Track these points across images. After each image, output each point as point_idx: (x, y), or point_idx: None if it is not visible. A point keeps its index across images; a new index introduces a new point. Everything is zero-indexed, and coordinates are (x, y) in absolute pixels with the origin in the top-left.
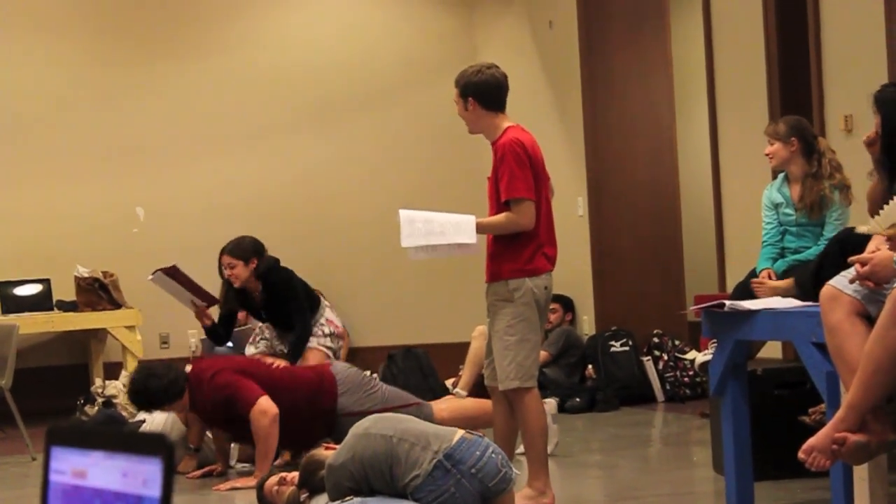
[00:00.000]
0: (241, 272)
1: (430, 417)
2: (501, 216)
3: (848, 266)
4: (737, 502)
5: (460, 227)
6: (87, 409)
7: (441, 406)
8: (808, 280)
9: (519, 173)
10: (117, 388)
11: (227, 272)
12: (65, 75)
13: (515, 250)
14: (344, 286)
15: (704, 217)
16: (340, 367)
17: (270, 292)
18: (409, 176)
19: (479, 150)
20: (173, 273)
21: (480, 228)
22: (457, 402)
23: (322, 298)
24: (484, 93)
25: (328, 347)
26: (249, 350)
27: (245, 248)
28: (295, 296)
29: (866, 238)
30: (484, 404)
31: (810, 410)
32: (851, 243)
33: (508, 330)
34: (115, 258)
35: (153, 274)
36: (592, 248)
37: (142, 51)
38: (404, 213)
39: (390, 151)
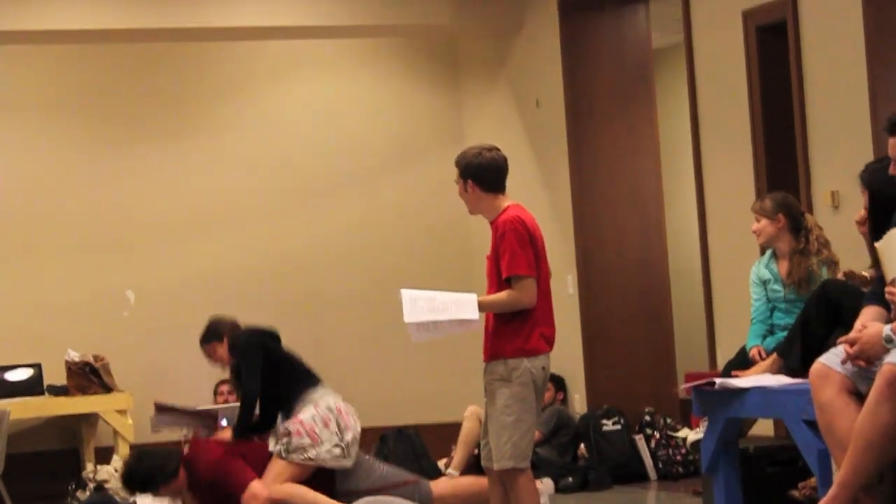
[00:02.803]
0: (222, 353)
1: (427, 495)
2: (503, 294)
3: (831, 323)
4: None
5: (462, 305)
6: (79, 494)
7: (439, 483)
8: (794, 342)
9: (520, 251)
10: (109, 473)
11: (210, 363)
12: (52, 158)
13: (514, 330)
14: (335, 366)
15: (694, 294)
16: None
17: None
18: (398, 255)
19: (469, 228)
20: (164, 408)
21: (482, 306)
22: (455, 479)
23: (318, 393)
24: (484, 176)
25: (285, 451)
26: None
27: (209, 332)
28: (243, 358)
29: (843, 293)
30: (480, 480)
31: (800, 485)
32: (831, 300)
33: (506, 410)
34: (105, 342)
35: (154, 419)
36: (583, 327)
37: (129, 133)
38: (406, 293)
39: (379, 230)
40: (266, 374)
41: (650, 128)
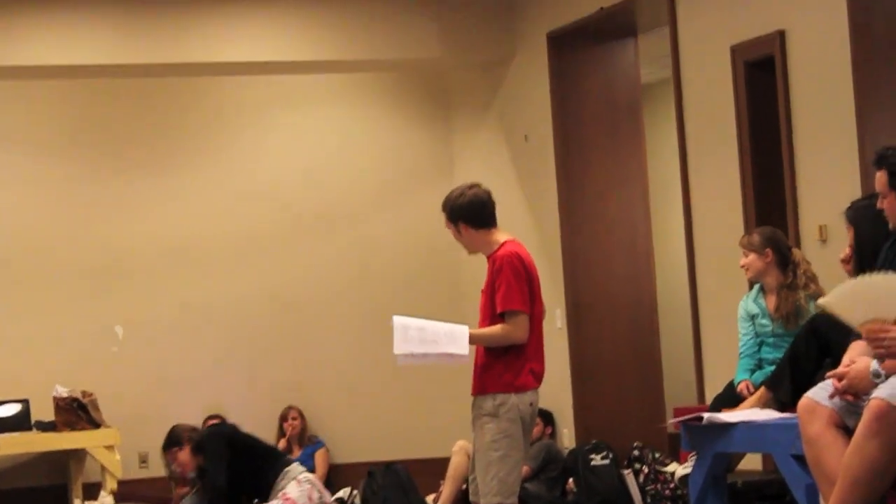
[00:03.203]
0: (183, 458)
1: None
2: (496, 328)
3: (821, 357)
4: None
5: (454, 337)
6: None
7: None
8: (783, 375)
9: (515, 286)
10: None
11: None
12: (39, 193)
13: (504, 365)
14: (323, 401)
15: (682, 327)
16: None
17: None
18: (387, 289)
19: (459, 262)
20: (128, 497)
21: (474, 339)
22: None
23: (294, 469)
24: (471, 215)
25: None
26: None
27: (168, 439)
28: (209, 450)
29: (832, 328)
30: None
31: None
32: (820, 334)
33: (493, 445)
34: (94, 377)
35: None
36: (571, 361)
37: (118, 168)
38: (398, 320)
39: (368, 264)
40: (237, 462)
41: (639, 162)
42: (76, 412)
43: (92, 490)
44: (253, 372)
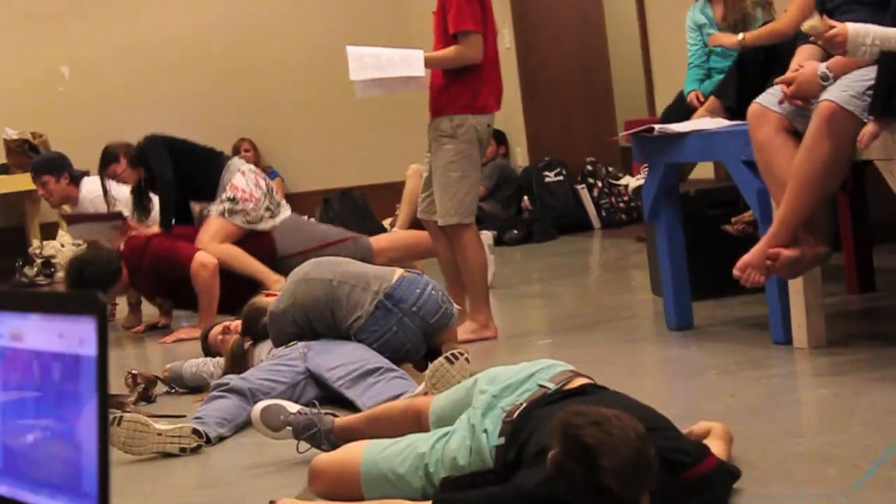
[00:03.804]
0: (122, 173)
1: (368, 250)
2: (450, 49)
3: (768, 64)
4: (675, 321)
5: (409, 61)
6: (26, 270)
7: (379, 238)
8: (730, 82)
9: (466, 6)
10: (55, 248)
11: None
12: None
13: (461, 86)
14: (275, 132)
15: (631, 42)
16: None
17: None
18: (333, 20)
19: None
20: (74, 219)
21: (428, 62)
22: (394, 233)
23: (235, 162)
24: None
25: (228, 212)
26: None
27: (104, 157)
28: (150, 153)
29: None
30: (421, 234)
31: (733, 220)
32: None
33: (450, 166)
34: (43, 118)
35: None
36: (521, 80)
37: None
38: (352, 49)
39: None
40: (179, 164)
41: None
42: (27, 154)
43: (49, 229)
44: (203, 107)
